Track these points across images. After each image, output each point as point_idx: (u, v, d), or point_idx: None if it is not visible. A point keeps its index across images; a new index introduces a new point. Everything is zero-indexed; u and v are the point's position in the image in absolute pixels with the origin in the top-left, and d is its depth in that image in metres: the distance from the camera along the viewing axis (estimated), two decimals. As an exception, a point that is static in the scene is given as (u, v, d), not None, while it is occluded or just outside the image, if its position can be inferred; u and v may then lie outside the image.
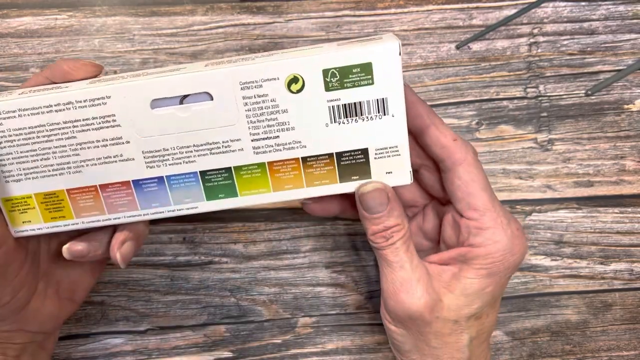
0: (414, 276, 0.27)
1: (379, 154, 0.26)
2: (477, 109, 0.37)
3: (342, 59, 0.24)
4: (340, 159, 0.26)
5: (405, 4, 0.36)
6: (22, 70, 0.36)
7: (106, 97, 0.25)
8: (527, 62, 0.36)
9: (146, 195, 0.27)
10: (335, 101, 0.25)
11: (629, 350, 0.37)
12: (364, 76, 0.25)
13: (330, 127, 0.26)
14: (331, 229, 0.37)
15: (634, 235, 0.37)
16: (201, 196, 0.27)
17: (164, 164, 0.26)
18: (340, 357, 0.37)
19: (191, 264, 0.37)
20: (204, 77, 0.25)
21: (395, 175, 0.27)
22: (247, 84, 0.25)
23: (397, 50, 0.24)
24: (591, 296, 0.37)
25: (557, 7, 0.36)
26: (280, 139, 0.26)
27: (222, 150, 0.26)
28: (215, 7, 0.36)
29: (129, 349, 0.37)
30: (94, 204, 0.27)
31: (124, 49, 0.36)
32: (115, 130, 0.26)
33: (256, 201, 0.27)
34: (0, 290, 0.26)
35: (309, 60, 0.24)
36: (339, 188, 0.27)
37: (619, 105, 0.37)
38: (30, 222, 0.27)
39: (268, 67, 0.25)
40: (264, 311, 0.37)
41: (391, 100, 0.25)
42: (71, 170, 0.26)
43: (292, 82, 0.25)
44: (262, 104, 0.25)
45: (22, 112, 0.25)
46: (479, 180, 0.27)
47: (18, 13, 0.36)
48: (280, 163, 0.26)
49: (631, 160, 0.37)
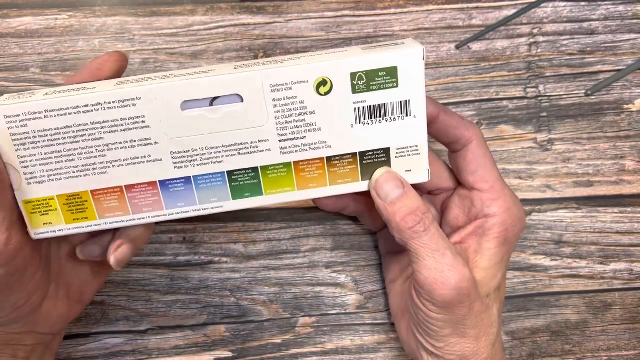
0: (459, 260, 0.27)
1: (400, 153, 0.27)
2: (477, 109, 0.37)
3: (370, 62, 0.25)
4: (363, 158, 0.27)
5: (405, 4, 0.36)
6: (22, 71, 0.36)
7: (136, 99, 0.25)
8: (527, 62, 0.36)
9: (172, 196, 0.27)
10: (361, 103, 0.26)
11: (629, 350, 0.37)
12: (390, 79, 0.26)
13: (355, 128, 0.26)
14: (331, 229, 0.37)
15: (633, 235, 0.37)
16: (227, 195, 0.27)
17: (192, 165, 0.26)
18: (340, 357, 0.37)
19: (191, 263, 0.37)
20: (235, 79, 0.25)
21: (414, 173, 0.28)
22: (277, 86, 0.25)
23: (422, 55, 0.25)
24: (591, 296, 0.37)
25: (557, 7, 0.36)
26: (307, 139, 0.26)
27: (250, 150, 0.26)
28: (215, 7, 0.36)
29: (129, 348, 0.37)
30: (118, 205, 0.27)
31: (124, 49, 0.36)
32: (145, 131, 0.26)
33: (280, 199, 0.27)
34: (16, 294, 0.27)
35: (338, 63, 0.25)
36: (360, 186, 0.28)
37: (618, 105, 0.37)
38: (51, 223, 0.27)
39: (298, 70, 0.25)
40: (264, 311, 0.37)
41: (414, 102, 0.26)
42: (97, 171, 0.26)
43: (321, 85, 0.26)
44: (291, 105, 0.26)
45: (49, 113, 0.25)
46: (489, 155, 0.29)
47: (18, 13, 0.36)
48: (305, 163, 0.27)
49: (631, 160, 0.37)
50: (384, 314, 0.37)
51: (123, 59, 0.28)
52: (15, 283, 0.26)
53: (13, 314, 0.27)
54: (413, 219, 0.26)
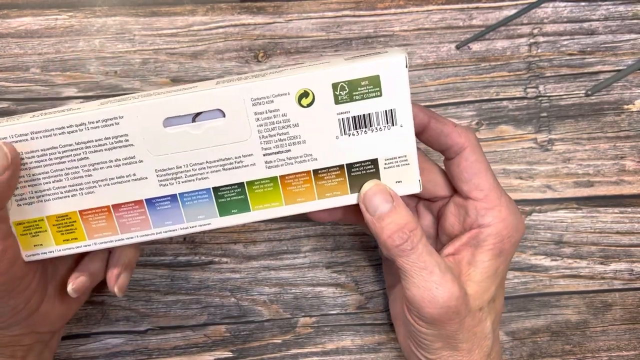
0: (447, 277, 0.26)
1: (389, 163, 0.27)
2: (477, 109, 0.37)
3: (351, 72, 0.25)
4: (351, 170, 0.27)
5: (405, 4, 0.36)
6: (23, 71, 0.36)
7: (119, 117, 0.25)
8: (527, 62, 0.36)
9: (159, 214, 0.27)
10: (345, 114, 0.26)
11: (629, 350, 0.37)
12: (372, 88, 0.25)
13: (341, 139, 0.26)
14: (331, 229, 0.37)
15: (634, 235, 0.37)
16: (214, 212, 0.27)
17: (177, 182, 0.26)
18: (340, 357, 0.37)
19: (191, 264, 0.37)
20: (216, 94, 0.25)
21: (405, 184, 0.27)
22: (258, 100, 0.25)
23: (404, 63, 0.25)
24: (591, 296, 0.37)
25: (557, 7, 0.36)
26: (292, 152, 0.26)
27: (234, 165, 0.26)
28: (215, 7, 0.36)
29: (129, 349, 0.37)
30: (106, 225, 0.27)
31: (125, 49, 0.36)
32: (128, 149, 0.26)
33: (268, 215, 0.27)
34: (14, 299, 0.27)
35: (318, 74, 0.25)
36: (349, 199, 0.27)
37: (619, 106, 0.37)
38: (42, 245, 0.27)
39: (279, 83, 0.25)
40: (264, 311, 0.37)
41: (399, 111, 0.26)
42: (84, 191, 0.26)
43: (303, 97, 0.25)
44: (273, 118, 0.26)
45: (35, 135, 0.25)
46: (483, 161, 0.28)
47: (18, 13, 0.36)
48: (292, 176, 0.27)
49: (631, 160, 0.37)
50: (384, 314, 0.37)
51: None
52: (13, 289, 0.26)
53: (12, 318, 0.27)
54: (400, 237, 0.26)
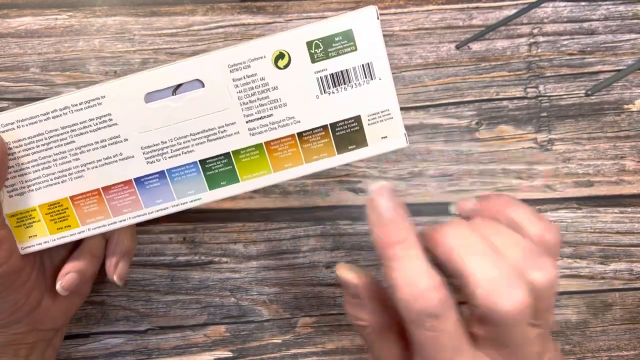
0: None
1: (372, 119, 0.26)
2: (477, 109, 0.37)
3: (324, 29, 0.25)
4: (335, 129, 0.26)
5: (405, 4, 0.36)
6: (22, 71, 0.36)
7: (101, 97, 0.25)
8: (527, 62, 0.36)
9: (149, 193, 0.27)
10: (323, 72, 0.26)
11: (629, 350, 0.37)
12: (347, 43, 0.25)
13: (321, 99, 0.26)
14: (331, 229, 0.37)
15: (634, 235, 0.37)
16: (203, 186, 0.27)
17: (163, 158, 0.26)
18: (340, 357, 0.37)
19: (191, 263, 0.37)
20: (193, 64, 0.25)
21: (391, 139, 0.27)
22: (235, 66, 0.25)
23: (375, 15, 0.25)
24: (591, 296, 0.37)
25: (557, 7, 0.36)
26: (274, 117, 0.26)
27: (218, 135, 0.26)
28: (215, 7, 0.36)
29: (129, 348, 0.37)
30: (98, 209, 0.27)
31: (124, 49, 0.36)
32: (113, 129, 0.26)
33: (258, 184, 0.27)
34: (14, 294, 0.27)
35: (291, 34, 0.25)
36: (337, 160, 0.27)
37: (619, 105, 0.37)
38: (37, 235, 0.27)
39: (253, 47, 0.25)
40: (264, 311, 0.37)
41: (376, 64, 0.26)
42: (73, 176, 0.26)
43: (279, 59, 0.25)
44: (252, 84, 0.26)
45: (20, 123, 0.25)
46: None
47: (18, 13, 0.36)
48: (277, 142, 0.26)
49: (631, 160, 0.37)
50: (384, 314, 0.37)
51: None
52: (13, 283, 0.26)
53: (14, 315, 0.27)
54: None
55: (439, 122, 0.37)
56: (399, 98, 0.36)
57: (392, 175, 0.36)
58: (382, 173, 0.36)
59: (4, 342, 0.28)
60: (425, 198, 0.37)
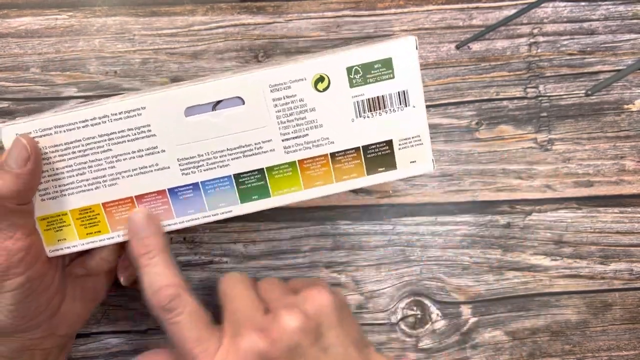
0: None
1: (403, 144, 0.27)
2: (477, 109, 0.37)
3: (365, 55, 0.26)
4: (367, 152, 0.27)
5: (405, 4, 0.36)
6: (23, 71, 0.36)
7: (141, 109, 0.26)
8: (527, 62, 0.36)
9: (182, 203, 0.27)
10: (360, 96, 0.26)
11: (629, 350, 0.37)
12: (385, 71, 0.26)
13: (356, 122, 0.27)
14: (331, 229, 0.37)
15: (633, 235, 0.37)
16: (235, 199, 0.27)
17: (198, 170, 0.27)
18: (340, 357, 0.37)
19: (191, 263, 0.37)
20: (235, 82, 0.26)
21: (419, 164, 0.28)
22: (276, 86, 0.26)
23: (414, 45, 0.26)
24: (591, 296, 0.37)
25: (557, 7, 0.36)
26: (310, 136, 0.27)
27: (254, 152, 0.27)
28: (215, 7, 0.36)
29: (130, 348, 0.37)
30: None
31: (124, 49, 0.36)
32: (151, 140, 0.26)
33: (288, 200, 0.28)
34: (38, 300, 0.27)
35: (333, 59, 0.26)
36: (366, 181, 0.28)
37: (618, 105, 0.37)
38: (66, 239, 0.27)
39: (295, 69, 0.26)
40: (264, 311, 0.37)
41: (411, 92, 0.27)
42: (107, 183, 0.27)
43: (319, 82, 0.26)
44: (291, 104, 0.26)
45: (58, 128, 0.26)
46: None
47: (18, 13, 0.36)
48: (310, 160, 0.27)
49: (631, 160, 0.37)
50: (384, 313, 0.37)
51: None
52: (37, 287, 0.26)
53: (34, 320, 0.27)
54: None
55: (439, 122, 0.37)
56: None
57: (392, 175, 0.37)
58: (382, 173, 0.37)
59: (21, 346, 0.28)
60: (425, 198, 0.37)
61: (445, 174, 0.37)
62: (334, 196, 0.36)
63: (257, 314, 0.26)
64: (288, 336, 0.25)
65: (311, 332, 0.25)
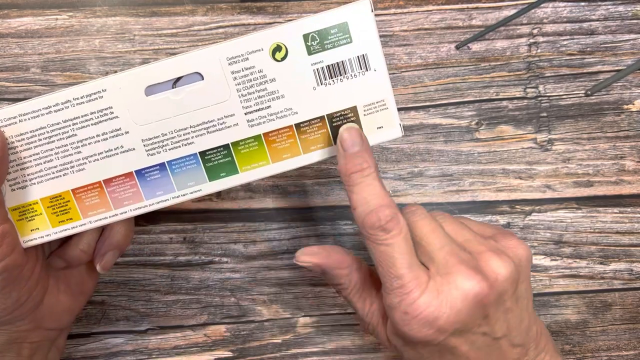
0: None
1: (368, 110, 0.27)
2: (477, 109, 0.37)
3: (320, 22, 0.26)
4: (332, 120, 0.27)
5: (405, 4, 0.36)
6: (23, 71, 0.36)
7: (102, 91, 0.26)
8: (527, 62, 0.36)
9: (150, 184, 0.27)
10: (319, 63, 0.26)
11: (629, 350, 0.37)
12: (342, 36, 0.26)
13: (318, 90, 0.27)
14: (331, 229, 0.37)
15: (633, 235, 0.37)
16: (204, 177, 0.27)
17: (164, 150, 0.27)
18: (340, 357, 0.37)
19: (191, 263, 0.37)
20: (192, 58, 0.26)
21: (386, 129, 0.27)
22: (233, 59, 0.26)
23: (369, 8, 0.26)
24: (591, 296, 0.37)
25: (556, 8, 0.36)
26: (272, 108, 0.27)
27: (218, 127, 0.27)
28: (215, 7, 0.36)
29: (129, 348, 0.37)
30: (99, 201, 0.27)
31: (125, 49, 0.36)
32: (114, 122, 0.26)
33: (257, 175, 0.27)
34: (17, 290, 0.27)
35: (288, 27, 0.26)
36: (334, 150, 0.27)
37: (618, 106, 0.37)
38: (39, 229, 0.27)
39: (251, 40, 0.26)
40: (264, 311, 0.37)
41: (371, 55, 0.26)
42: (74, 169, 0.27)
43: (276, 51, 0.26)
44: (250, 76, 0.26)
45: (22, 117, 0.26)
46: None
47: (18, 13, 0.36)
48: (275, 133, 0.27)
49: (631, 160, 0.37)
50: (384, 314, 0.37)
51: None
52: (15, 278, 0.26)
53: (17, 311, 0.27)
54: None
55: (439, 122, 0.37)
56: (399, 98, 0.36)
57: (392, 175, 0.37)
58: (383, 173, 0.37)
59: (7, 339, 0.28)
60: (425, 198, 0.37)
61: (445, 174, 0.37)
62: (334, 196, 0.37)
63: (461, 253, 0.25)
64: (500, 283, 0.25)
65: (514, 282, 0.25)
